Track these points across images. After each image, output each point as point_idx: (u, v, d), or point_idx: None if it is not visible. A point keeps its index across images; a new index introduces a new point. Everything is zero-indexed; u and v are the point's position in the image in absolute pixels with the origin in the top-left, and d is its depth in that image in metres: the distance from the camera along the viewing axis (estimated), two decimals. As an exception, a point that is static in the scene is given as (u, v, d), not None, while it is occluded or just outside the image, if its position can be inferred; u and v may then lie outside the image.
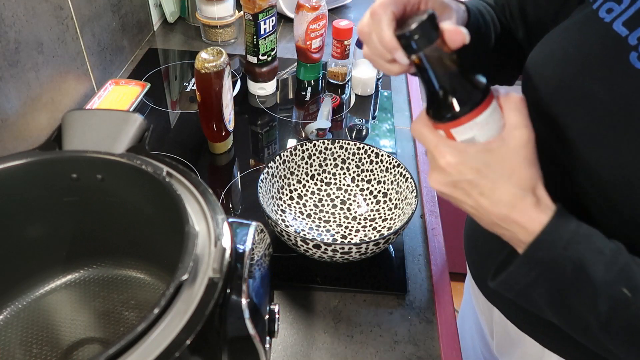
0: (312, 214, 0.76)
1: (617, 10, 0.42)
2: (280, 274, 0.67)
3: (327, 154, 0.78)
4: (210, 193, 0.45)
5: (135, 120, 0.52)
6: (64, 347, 0.49)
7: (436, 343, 0.62)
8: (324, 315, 0.64)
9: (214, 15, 1.14)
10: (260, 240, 0.47)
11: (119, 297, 0.53)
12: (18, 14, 0.70)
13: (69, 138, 0.50)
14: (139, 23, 1.15)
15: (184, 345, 0.33)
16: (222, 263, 0.38)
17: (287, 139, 0.93)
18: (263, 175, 0.70)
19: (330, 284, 0.67)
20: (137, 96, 0.95)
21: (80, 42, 0.89)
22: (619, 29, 0.41)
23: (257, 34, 0.92)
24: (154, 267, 0.54)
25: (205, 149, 0.87)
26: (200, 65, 0.75)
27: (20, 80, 0.72)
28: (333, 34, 1.02)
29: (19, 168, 0.45)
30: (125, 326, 0.51)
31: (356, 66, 1.02)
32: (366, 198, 0.77)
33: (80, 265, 0.55)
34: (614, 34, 0.42)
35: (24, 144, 0.74)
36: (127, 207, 0.49)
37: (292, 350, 0.60)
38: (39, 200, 0.48)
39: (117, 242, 0.53)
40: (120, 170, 0.46)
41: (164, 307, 0.34)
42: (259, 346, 0.40)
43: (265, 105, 1.00)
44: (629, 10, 0.41)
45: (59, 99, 0.83)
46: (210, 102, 0.78)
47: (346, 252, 0.61)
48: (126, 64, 1.10)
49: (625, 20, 0.41)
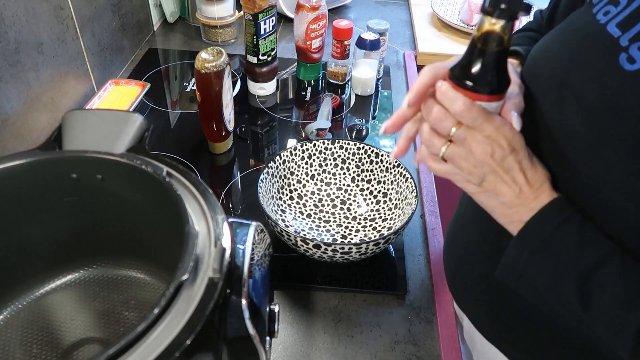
0: (312, 214, 0.76)
1: (614, 12, 0.42)
2: (280, 274, 0.67)
3: (327, 154, 0.78)
4: (210, 193, 0.45)
5: (135, 120, 0.52)
6: (64, 347, 0.49)
7: (436, 343, 0.62)
8: (324, 315, 0.64)
9: (214, 15, 1.14)
10: (260, 240, 0.47)
11: (119, 297, 0.53)
12: (18, 14, 0.70)
13: (69, 138, 0.50)
14: (139, 23, 1.15)
15: (184, 345, 0.33)
16: (222, 263, 0.38)
17: (287, 139, 0.93)
18: (263, 175, 0.70)
19: (330, 284, 0.67)
20: (137, 96, 0.95)
21: (80, 42, 0.89)
22: (612, 30, 0.41)
23: (257, 34, 0.92)
24: (154, 267, 0.54)
25: (205, 149, 0.87)
26: (200, 65, 0.75)
27: (20, 80, 0.72)
28: (333, 34, 1.02)
29: (19, 168, 0.45)
30: (125, 326, 0.51)
31: (356, 66, 1.02)
32: (366, 198, 0.77)
33: (80, 265, 0.55)
34: (607, 35, 0.41)
35: (24, 144, 0.74)
36: (127, 207, 0.49)
37: (292, 350, 0.60)
38: (39, 200, 0.48)
39: (117, 242, 0.53)
40: (120, 170, 0.46)
41: (164, 307, 0.34)
42: (259, 346, 0.40)
43: (265, 105, 1.00)
44: (624, 12, 0.41)
45: (59, 99, 0.83)
46: (210, 102, 0.78)
47: (346, 252, 0.61)
48: (126, 64, 1.10)
49: (620, 22, 0.41)
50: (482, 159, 0.42)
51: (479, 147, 0.41)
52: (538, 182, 0.42)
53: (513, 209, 0.43)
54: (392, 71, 1.15)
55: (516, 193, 0.42)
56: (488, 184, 0.43)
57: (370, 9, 1.44)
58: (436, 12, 1.31)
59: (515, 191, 0.42)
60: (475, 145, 0.41)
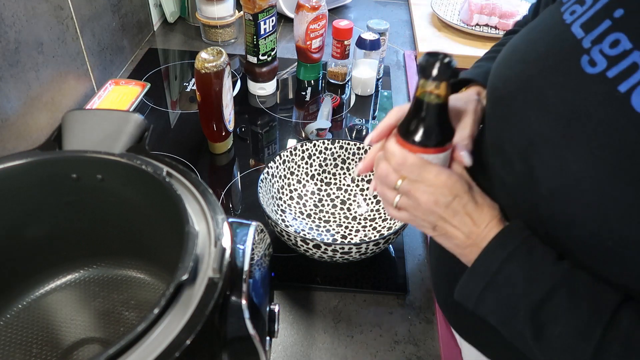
0: (312, 214, 0.76)
1: (579, 11, 0.41)
2: (280, 274, 0.67)
3: (327, 154, 0.78)
4: (210, 193, 0.45)
5: (135, 120, 0.52)
6: (64, 347, 0.49)
7: (436, 343, 0.62)
8: (324, 315, 0.64)
9: (214, 15, 1.14)
10: (260, 240, 0.47)
11: (119, 297, 0.53)
12: (18, 14, 0.70)
13: (69, 138, 0.50)
14: (139, 23, 1.15)
15: (184, 345, 0.33)
16: (222, 263, 0.38)
17: (287, 139, 0.93)
18: (263, 175, 0.70)
19: (330, 284, 0.67)
20: (137, 96, 0.95)
21: (80, 42, 0.89)
22: (576, 30, 0.41)
23: (257, 34, 0.92)
24: (154, 267, 0.54)
25: (205, 149, 0.87)
26: (200, 65, 0.75)
27: (20, 80, 0.72)
28: (333, 34, 1.02)
29: (19, 168, 0.45)
30: (125, 326, 0.51)
31: (356, 66, 1.02)
32: (366, 198, 0.77)
33: (80, 265, 0.55)
34: (571, 36, 0.41)
35: (24, 144, 0.74)
36: (127, 207, 0.49)
37: (292, 350, 0.60)
38: (39, 200, 0.48)
39: (117, 242, 0.53)
40: (120, 170, 0.46)
41: (164, 307, 0.34)
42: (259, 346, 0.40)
43: (265, 105, 1.00)
44: (589, 12, 0.40)
45: (59, 99, 0.83)
46: (210, 102, 0.78)
47: (346, 252, 0.61)
48: (126, 64, 1.10)
49: (583, 22, 0.40)
50: (428, 208, 0.44)
51: (423, 197, 0.44)
52: (485, 221, 0.44)
53: (467, 249, 0.45)
54: (392, 71, 1.15)
55: (466, 235, 0.44)
56: (440, 229, 0.45)
57: (370, 9, 1.44)
58: (436, 12, 1.31)
59: (465, 233, 0.44)
60: (419, 196, 0.44)
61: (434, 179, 0.43)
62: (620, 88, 0.36)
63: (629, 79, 0.36)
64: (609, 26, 0.38)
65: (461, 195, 0.44)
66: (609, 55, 0.38)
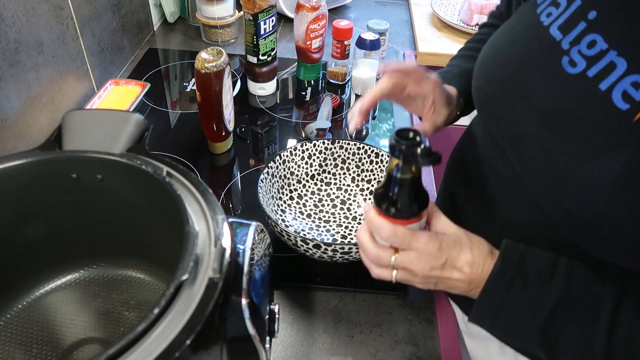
0: (312, 214, 0.76)
1: (555, 14, 0.43)
2: (280, 274, 0.67)
3: (327, 154, 0.78)
4: (210, 193, 0.45)
5: (135, 120, 0.52)
6: (64, 347, 0.49)
7: (436, 343, 0.62)
8: (324, 315, 0.64)
9: (214, 15, 1.14)
10: (260, 240, 0.47)
11: (119, 297, 0.53)
12: (18, 14, 0.70)
13: (69, 138, 0.50)
14: (139, 23, 1.15)
15: (184, 345, 0.33)
16: (222, 263, 0.38)
17: (287, 139, 0.93)
18: (263, 175, 0.70)
19: (330, 284, 0.67)
20: (137, 96, 0.95)
21: (80, 42, 0.89)
22: (554, 32, 0.42)
23: (257, 34, 0.92)
24: (154, 267, 0.54)
25: (205, 149, 0.87)
26: (200, 65, 0.75)
27: (20, 80, 0.72)
28: (333, 34, 1.02)
29: (19, 168, 0.45)
30: (125, 326, 0.51)
31: (356, 66, 1.02)
32: (366, 198, 0.77)
33: (80, 265, 0.55)
34: (550, 38, 0.42)
35: (24, 144, 0.74)
36: (127, 207, 0.49)
37: (292, 350, 0.60)
38: (39, 200, 0.48)
39: (117, 242, 0.53)
40: (120, 170, 0.46)
41: (164, 307, 0.34)
42: (259, 346, 0.40)
43: (265, 105, 1.00)
44: (564, 14, 0.42)
45: (59, 99, 0.83)
46: (210, 102, 0.78)
47: (346, 252, 0.61)
48: (126, 64, 1.10)
49: (560, 25, 0.42)
50: (425, 275, 0.46)
51: (418, 267, 0.45)
52: (480, 265, 0.45)
53: (471, 292, 0.47)
54: (392, 71, 1.15)
55: (466, 283, 0.46)
56: (441, 285, 0.48)
57: (370, 9, 1.44)
58: (436, 12, 1.31)
59: (465, 281, 0.46)
60: (414, 267, 0.46)
61: (424, 247, 0.45)
62: (601, 86, 0.38)
63: (608, 77, 0.38)
64: (584, 28, 0.40)
65: (451, 252, 0.45)
66: (588, 55, 0.39)
